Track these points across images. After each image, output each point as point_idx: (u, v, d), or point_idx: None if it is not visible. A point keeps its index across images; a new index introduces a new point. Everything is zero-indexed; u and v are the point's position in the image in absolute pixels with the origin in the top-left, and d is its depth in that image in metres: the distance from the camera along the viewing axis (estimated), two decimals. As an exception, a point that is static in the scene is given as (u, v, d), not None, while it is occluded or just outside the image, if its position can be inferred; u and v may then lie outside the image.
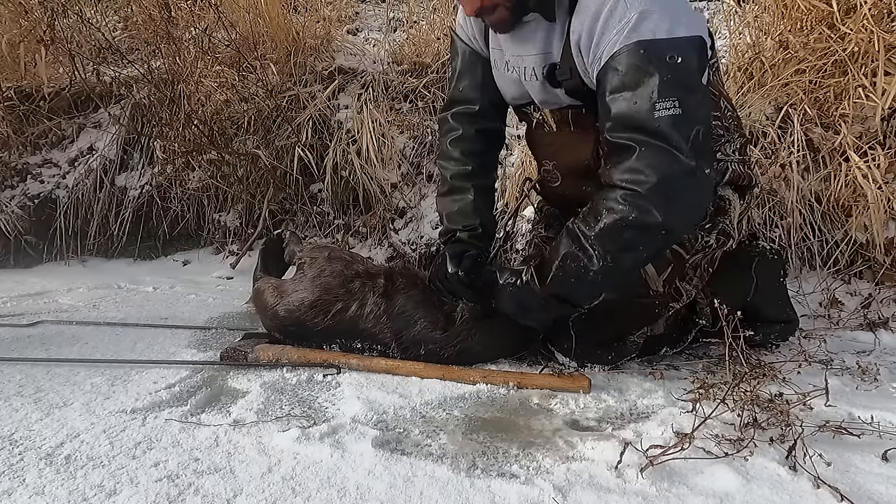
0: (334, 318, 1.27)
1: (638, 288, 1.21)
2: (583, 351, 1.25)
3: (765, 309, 1.39)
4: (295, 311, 1.29)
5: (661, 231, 1.04)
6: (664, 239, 1.07)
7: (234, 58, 2.81)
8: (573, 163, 1.27)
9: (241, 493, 0.77)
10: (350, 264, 1.36)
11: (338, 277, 1.32)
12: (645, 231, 1.04)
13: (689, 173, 1.00)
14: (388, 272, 1.36)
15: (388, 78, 2.89)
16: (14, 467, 0.82)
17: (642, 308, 1.25)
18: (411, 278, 1.35)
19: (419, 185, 2.73)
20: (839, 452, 0.88)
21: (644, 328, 1.28)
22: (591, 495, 0.77)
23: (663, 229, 1.03)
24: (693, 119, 1.00)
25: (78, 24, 2.94)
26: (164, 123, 2.80)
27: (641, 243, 1.06)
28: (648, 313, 1.26)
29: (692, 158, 1.00)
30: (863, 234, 1.77)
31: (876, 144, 1.79)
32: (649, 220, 1.02)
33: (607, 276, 1.09)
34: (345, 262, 1.37)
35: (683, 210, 1.05)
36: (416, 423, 1.00)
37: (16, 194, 2.83)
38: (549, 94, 1.21)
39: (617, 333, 1.27)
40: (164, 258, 2.87)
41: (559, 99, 1.21)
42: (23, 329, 1.56)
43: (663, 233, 1.04)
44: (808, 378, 1.19)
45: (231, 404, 1.07)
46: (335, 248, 1.47)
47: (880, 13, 1.79)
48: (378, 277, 1.32)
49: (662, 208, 1.01)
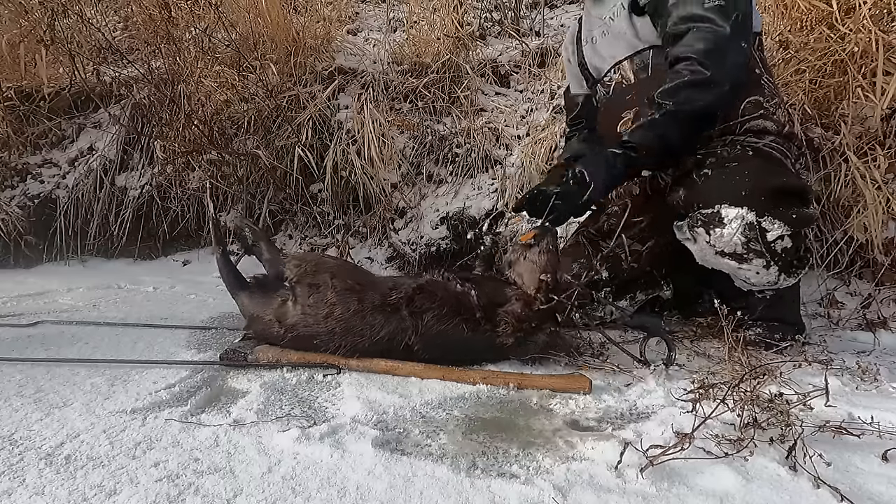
0: (358, 349, 1.23)
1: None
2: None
3: (788, 312, 1.45)
4: (309, 339, 1.25)
5: (710, 84, 1.30)
6: (714, 92, 1.31)
7: (234, 58, 2.81)
8: (651, 102, 1.45)
9: (241, 493, 0.77)
10: (362, 294, 1.25)
11: (356, 315, 1.22)
12: (697, 87, 1.31)
13: (728, 38, 1.31)
14: (408, 299, 1.25)
15: (388, 78, 2.90)
16: (14, 467, 0.82)
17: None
18: (431, 296, 1.26)
19: (419, 185, 2.73)
20: (839, 452, 0.88)
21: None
22: (591, 495, 0.77)
23: (711, 82, 1.30)
24: (733, 7, 1.32)
25: (78, 24, 2.94)
26: (164, 123, 2.80)
27: (695, 96, 1.32)
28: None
29: (730, 30, 1.30)
30: (863, 234, 1.77)
31: (876, 144, 1.79)
32: (700, 77, 1.30)
33: (670, 122, 1.34)
34: (356, 292, 1.25)
35: (726, 66, 1.31)
36: (416, 423, 1.00)
37: (16, 194, 2.83)
38: (631, 31, 1.51)
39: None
40: (164, 258, 2.87)
41: (639, 36, 1.51)
42: (23, 329, 1.56)
43: (712, 86, 1.31)
44: (808, 378, 1.19)
45: (231, 404, 1.06)
46: (333, 267, 1.30)
47: (880, 13, 1.79)
48: (400, 309, 1.23)
49: (710, 66, 1.30)
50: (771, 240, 1.26)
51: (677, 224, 1.41)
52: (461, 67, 2.88)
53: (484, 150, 2.66)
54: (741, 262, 1.31)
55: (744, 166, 1.32)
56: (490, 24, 3.49)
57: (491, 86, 3.01)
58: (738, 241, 1.28)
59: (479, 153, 2.66)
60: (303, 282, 1.26)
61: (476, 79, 2.91)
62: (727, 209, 1.28)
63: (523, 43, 3.13)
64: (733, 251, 1.30)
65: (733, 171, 1.32)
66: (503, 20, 3.47)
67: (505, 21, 3.46)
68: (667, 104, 1.34)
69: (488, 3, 3.54)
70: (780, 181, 1.30)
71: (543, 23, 3.42)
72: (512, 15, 3.49)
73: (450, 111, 2.83)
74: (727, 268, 1.35)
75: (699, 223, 1.33)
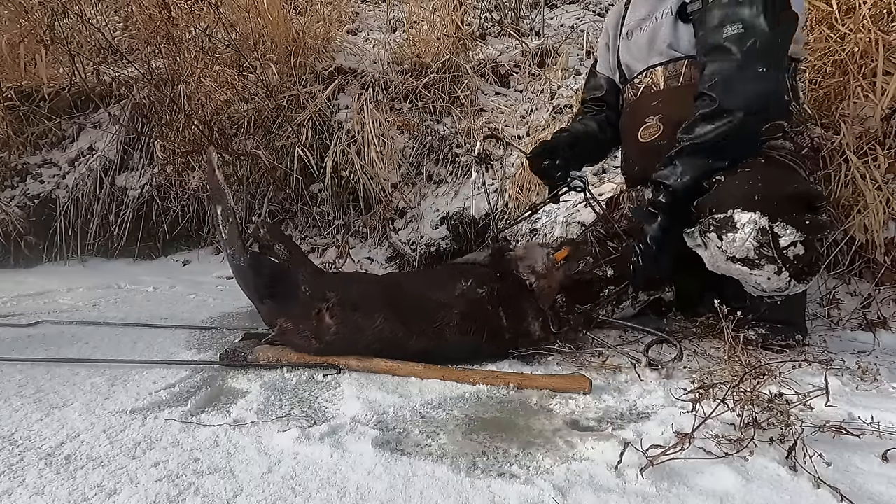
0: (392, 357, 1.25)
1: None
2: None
3: (793, 314, 1.44)
4: (345, 349, 1.25)
5: (721, 114, 1.32)
6: (725, 121, 1.32)
7: (234, 58, 2.81)
8: (678, 112, 1.47)
9: (241, 493, 0.77)
10: (408, 324, 1.25)
11: (398, 338, 1.24)
12: (711, 118, 1.33)
13: (739, 67, 1.31)
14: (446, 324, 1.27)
15: (388, 78, 2.90)
16: (14, 467, 0.82)
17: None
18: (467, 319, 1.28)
19: (419, 185, 2.73)
20: (839, 452, 0.88)
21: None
22: (591, 495, 0.77)
23: (724, 112, 1.32)
24: (751, 33, 1.30)
25: (78, 24, 2.94)
26: (164, 123, 2.81)
27: (707, 127, 1.34)
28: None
29: (741, 58, 1.31)
30: (863, 234, 1.77)
31: (876, 144, 1.79)
32: (710, 109, 1.33)
33: (690, 159, 1.36)
34: (401, 321, 1.24)
35: (736, 95, 1.32)
36: (416, 423, 1.00)
37: (16, 194, 2.83)
38: (673, 37, 1.50)
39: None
40: (164, 258, 2.88)
41: (679, 44, 1.50)
42: (23, 329, 1.56)
43: (723, 115, 1.32)
44: (808, 378, 1.19)
45: (231, 404, 1.06)
46: (373, 285, 1.30)
47: (880, 13, 1.79)
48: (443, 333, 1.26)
49: (717, 96, 1.32)
50: (784, 246, 1.25)
51: (687, 231, 1.40)
52: (461, 67, 2.88)
53: (484, 150, 2.66)
54: (752, 267, 1.29)
55: (757, 172, 1.32)
56: (490, 24, 3.49)
57: (491, 86, 3.01)
58: (750, 245, 1.26)
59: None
60: (345, 306, 1.24)
61: (476, 79, 2.91)
62: (740, 213, 1.27)
63: (523, 43, 3.13)
64: (745, 256, 1.28)
65: (746, 176, 1.32)
66: (503, 20, 3.47)
67: (505, 21, 3.46)
68: (682, 140, 1.37)
69: (488, 3, 3.54)
70: (792, 187, 1.28)
71: (543, 23, 3.42)
72: (512, 15, 3.49)
73: (450, 111, 2.83)
74: (738, 273, 1.34)
75: (711, 228, 1.32)
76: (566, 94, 2.75)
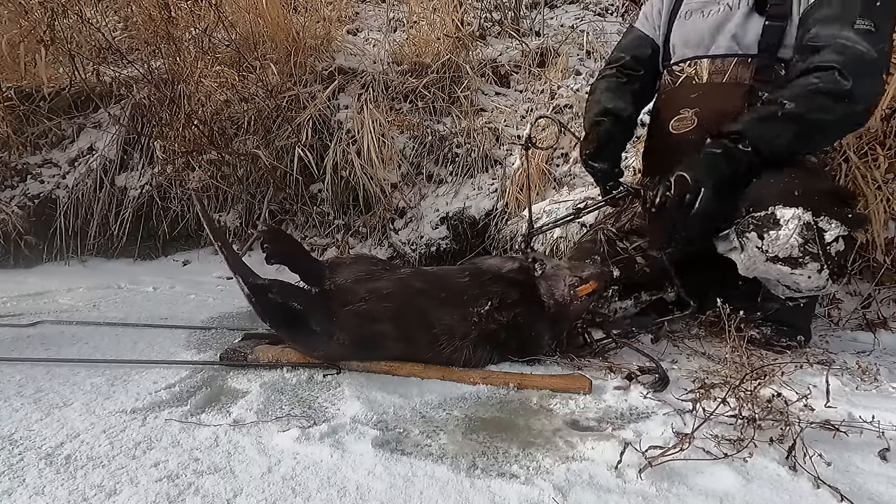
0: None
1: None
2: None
3: (800, 318, 1.44)
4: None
5: (846, 98, 1.24)
6: (848, 108, 1.25)
7: (234, 58, 2.81)
8: (716, 109, 1.43)
9: (241, 493, 0.77)
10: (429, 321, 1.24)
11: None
12: (834, 96, 1.24)
13: (873, 61, 1.25)
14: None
15: (388, 78, 2.90)
16: (14, 467, 0.82)
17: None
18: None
19: (419, 185, 2.73)
20: (839, 452, 0.88)
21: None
22: (591, 495, 0.77)
23: (848, 97, 1.23)
24: (882, 38, 1.26)
25: (78, 24, 2.94)
26: (164, 123, 2.81)
27: (828, 107, 1.25)
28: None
29: (877, 55, 1.25)
30: (863, 235, 1.77)
31: (876, 144, 1.79)
32: (839, 87, 1.23)
33: (791, 124, 1.27)
34: (410, 347, 1.25)
35: (866, 86, 1.26)
36: (416, 423, 1.00)
37: (16, 194, 2.83)
38: (740, 30, 1.42)
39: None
40: (164, 258, 2.87)
41: (744, 39, 1.42)
42: (23, 329, 1.56)
43: (847, 100, 1.24)
44: (808, 378, 1.19)
45: (231, 404, 1.06)
46: (385, 324, 1.24)
47: (880, 13, 1.79)
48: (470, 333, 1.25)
49: (852, 79, 1.23)
50: (829, 241, 1.21)
51: (719, 236, 1.34)
52: (461, 67, 2.88)
53: (484, 150, 2.66)
54: (795, 266, 1.25)
55: (789, 171, 1.28)
56: (490, 24, 3.49)
57: (491, 86, 3.01)
58: (795, 242, 1.22)
59: (479, 153, 2.66)
60: (356, 343, 1.23)
61: (476, 79, 2.91)
62: (783, 210, 1.22)
63: (523, 43, 3.13)
64: (788, 255, 1.24)
65: (780, 174, 1.27)
66: (503, 20, 3.47)
67: (505, 21, 3.46)
68: (789, 105, 1.26)
69: (488, 3, 3.54)
70: (828, 184, 1.28)
71: (543, 23, 3.42)
72: (512, 15, 3.49)
73: (450, 111, 2.83)
74: (777, 274, 1.29)
75: (750, 227, 1.26)
76: (566, 94, 2.75)
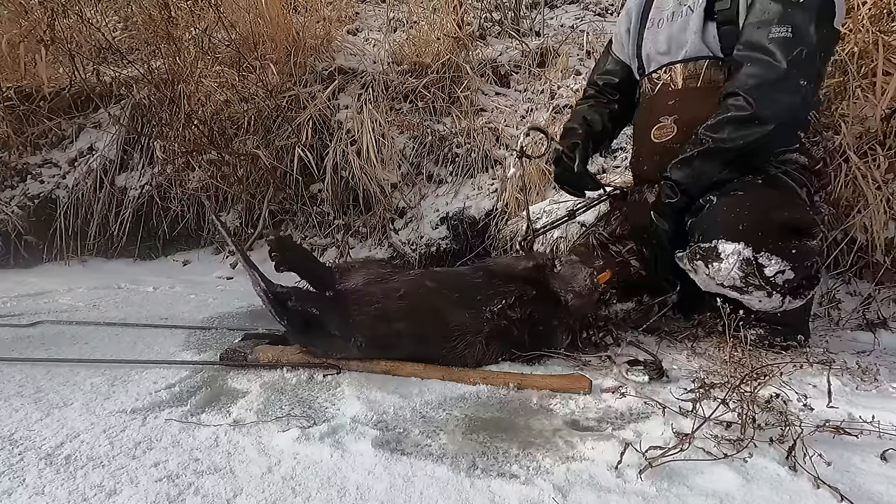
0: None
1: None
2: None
3: (794, 317, 1.43)
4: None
5: (753, 121, 1.28)
6: (756, 131, 1.29)
7: (234, 58, 2.81)
8: (694, 115, 1.43)
9: (241, 493, 0.77)
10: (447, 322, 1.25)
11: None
12: (740, 123, 1.29)
13: (782, 76, 1.26)
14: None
15: (388, 78, 2.90)
16: (14, 467, 0.82)
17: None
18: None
19: (419, 185, 2.73)
20: (839, 452, 0.88)
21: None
22: (591, 495, 0.77)
23: (754, 119, 1.28)
24: (800, 40, 1.25)
25: (78, 24, 2.94)
26: (164, 123, 2.81)
27: (735, 133, 1.30)
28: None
29: (786, 66, 1.25)
30: (863, 235, 1.77)
31: (876, 144, 1.79)
32: (743, 114, 1.29)
33: (711, 159, 1.33)
34: (424, 346, 1.25)
35: (773, 105, 1.28)
36: (416, 423, 1.00)
37: (16, 194, 2.83)
38: (700, 32, 1.44)
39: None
40: (164, 258, 2.88)
41: (705, 41, 1.44)
42: (23, 329, 1.56)
43: (755, 123, 1.28)
44: (808, 378, 1.19)
45: (231, 404, 1.06)
46: (401, 324, 1.26)
47: (879, 13, 1.79)
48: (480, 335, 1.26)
49: (755, 103, 1.27)
50: (770, 275, 1.23)
51: (678, 255, 1.38)
52: (461, 67, 2.88)
53: (484, 150, 2.66)
54: (742, 293, 1.28)
55: (748, 197, 1.29)
56: (490, 24, 3.49)
57: (491, 86, 3.01)
58: (735, 276, 1.25)
59: (479, 153, 2.66)
60: (371, 345, 1.24)
61: (476, 79, 2.91)
62: (724, 244, 1.25)
63: (523, 43, 3.13)
64: (732, 284, 1.27)
65: (736, 201, 1.29)
66: (503, 20, 3.47)
67: (505, 21, 3.46)
68: (707, 140, 1.32)
69: (488, 4, 3.54)
70: (782, 215, 1.26)
71: (543, 23, 3.42)
72: (512, 15, 3.49)
73: (450, 111, 2.83)
74: (731, 295, 1.32)
75: (698, 256, 1.31)
76: (566, 94, 2.75)
